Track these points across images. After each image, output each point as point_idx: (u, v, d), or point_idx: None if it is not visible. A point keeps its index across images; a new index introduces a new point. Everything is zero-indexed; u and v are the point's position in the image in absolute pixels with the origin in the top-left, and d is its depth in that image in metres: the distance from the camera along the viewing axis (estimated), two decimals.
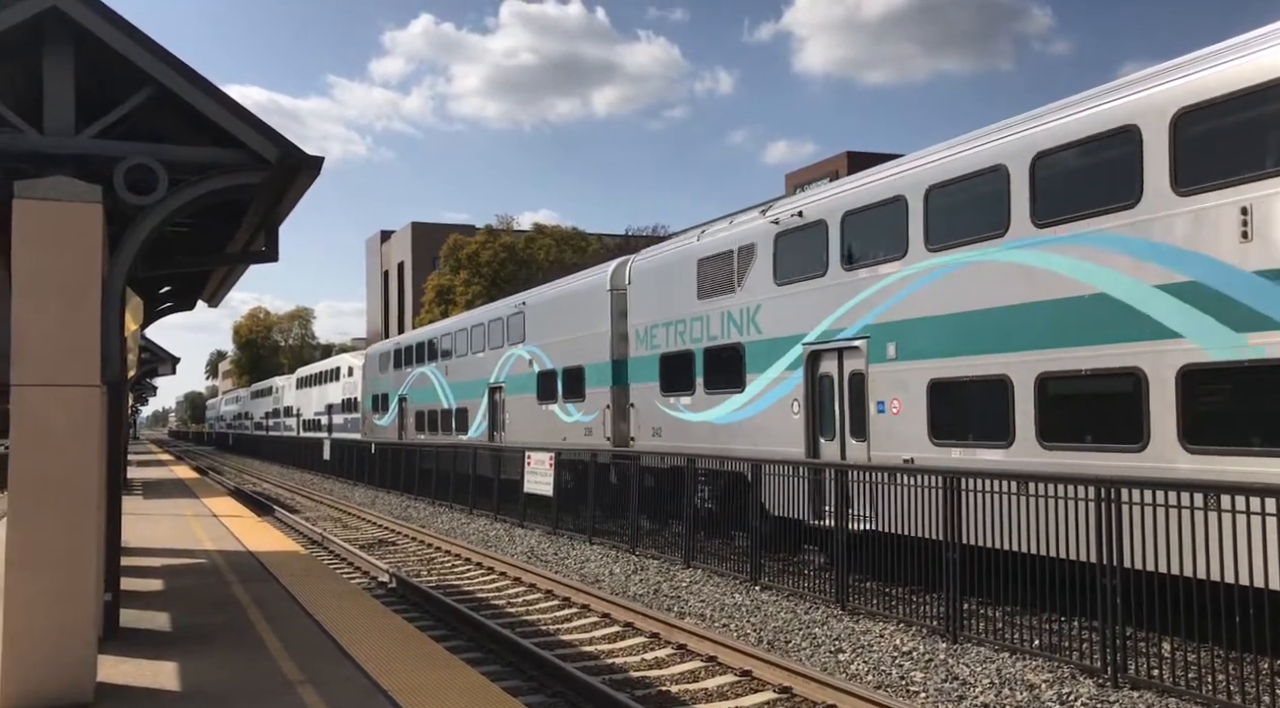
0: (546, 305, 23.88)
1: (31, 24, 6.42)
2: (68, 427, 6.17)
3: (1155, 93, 9.71)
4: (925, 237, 12.21)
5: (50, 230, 6.17)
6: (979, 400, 11.58)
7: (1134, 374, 9.61)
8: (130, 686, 6.80)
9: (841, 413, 13.75)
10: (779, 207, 15.53)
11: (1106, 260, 10.00)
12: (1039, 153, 10.79)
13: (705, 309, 16.85)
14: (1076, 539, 8.82)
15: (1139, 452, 9.50)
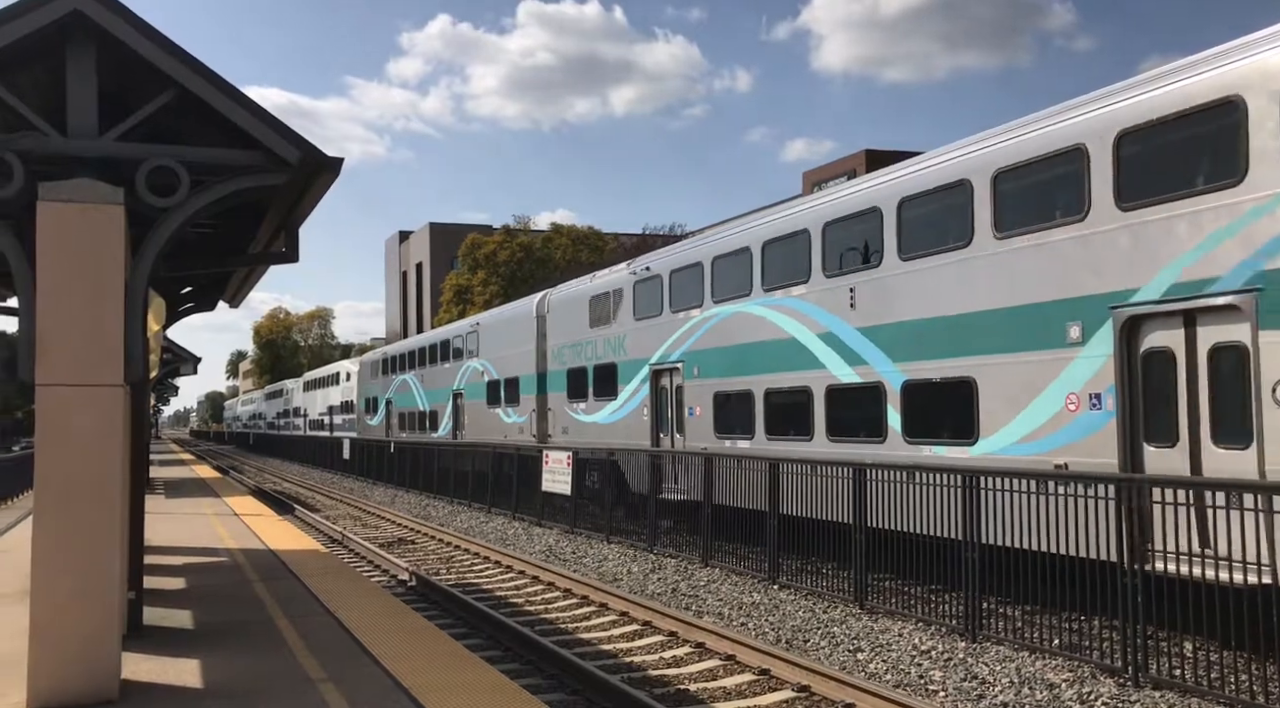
0: (494, 326, 29.03)
1: (55, 27, 6.48)
2: (92, 426, 6.23)
3: (816, 210, 14.87)
4: (712, 292, 17.26)
5: (73, 232, 6.23)
6: (738, 407, 16.37)
7: (806, 391, 14.59)
8: (154, 683, 6.87)
9: (670, 415, 18.70)
10: (636, 262, 20.83)
11: (795, 316, 15.02)
12: (766, 241, 15.90)
13: (594, 335, 21.79)
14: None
15: (809, 441, 14.39)
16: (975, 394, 11.65)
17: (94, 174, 6.46)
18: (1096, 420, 10.18)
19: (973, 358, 11.76)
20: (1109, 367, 10.07)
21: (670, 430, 18.56)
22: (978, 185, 11.62)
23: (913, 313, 12.74)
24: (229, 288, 11.57)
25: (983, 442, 11.46)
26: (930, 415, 12.47)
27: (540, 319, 24.89)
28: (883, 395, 13.09)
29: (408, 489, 30.36)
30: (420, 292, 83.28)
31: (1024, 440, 10.97)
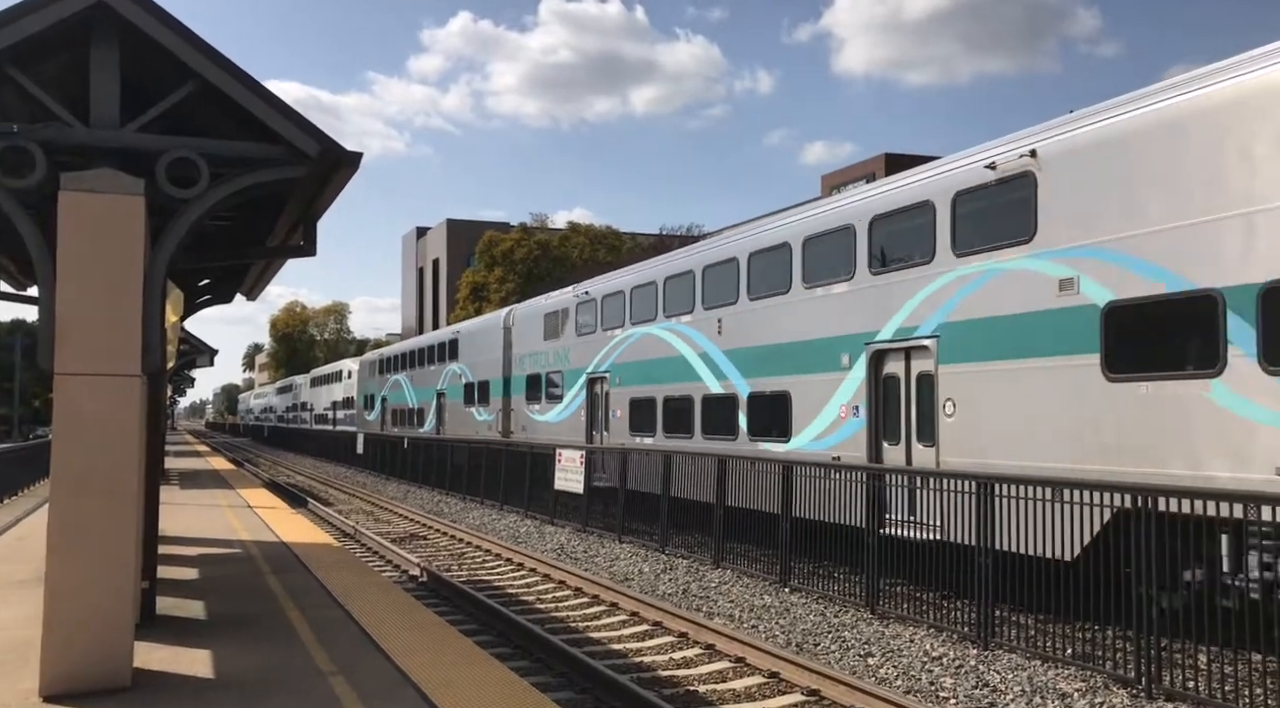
0: (472, 334, 32.79)
1: (79, 19, 6.53)
2: (109, 416, 6.27)
3: (701, 255, 18.86)
4: (630, 316, 21.05)
5: (95, 222, 6.27)
6: (646, 411, 20.05)
7: (690, 398, 18.42)
8: (166, 672, 6.90)
9: (600, 416, 22.27)
10: (579, 286, 24.42)
11: (684, 339, 18.75)
12: (667, 277, 19.76)
13: (547, 347, 25.60)
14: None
15: (690, 438, 18.17)
16: (790, 404, 15.47)
17: (115, 165, 6.50)
18: (856, 425, 13.99)
19: (789, 377, 15.62)
20: (863, 386, 13.83)
21: (601, 429, 22.46)
22: (795, 248, 15.53)
23: (756, 340, 16.56)
24: (246, 280, 11.61)
25: (794, 440, 15.32)
26: (764, 419, 16.27)
27: (507, 330, 28.65)
28: (737, 403, 16.99)
29: (420, 485, 30.44)
30: (437, 288, 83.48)
31: (816, 439, 14.83)
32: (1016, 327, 11.50)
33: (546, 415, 25.32)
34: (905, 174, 14.05)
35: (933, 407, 12.58)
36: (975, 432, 11.96)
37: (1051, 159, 11.25)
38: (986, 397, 11.85)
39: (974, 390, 12.02)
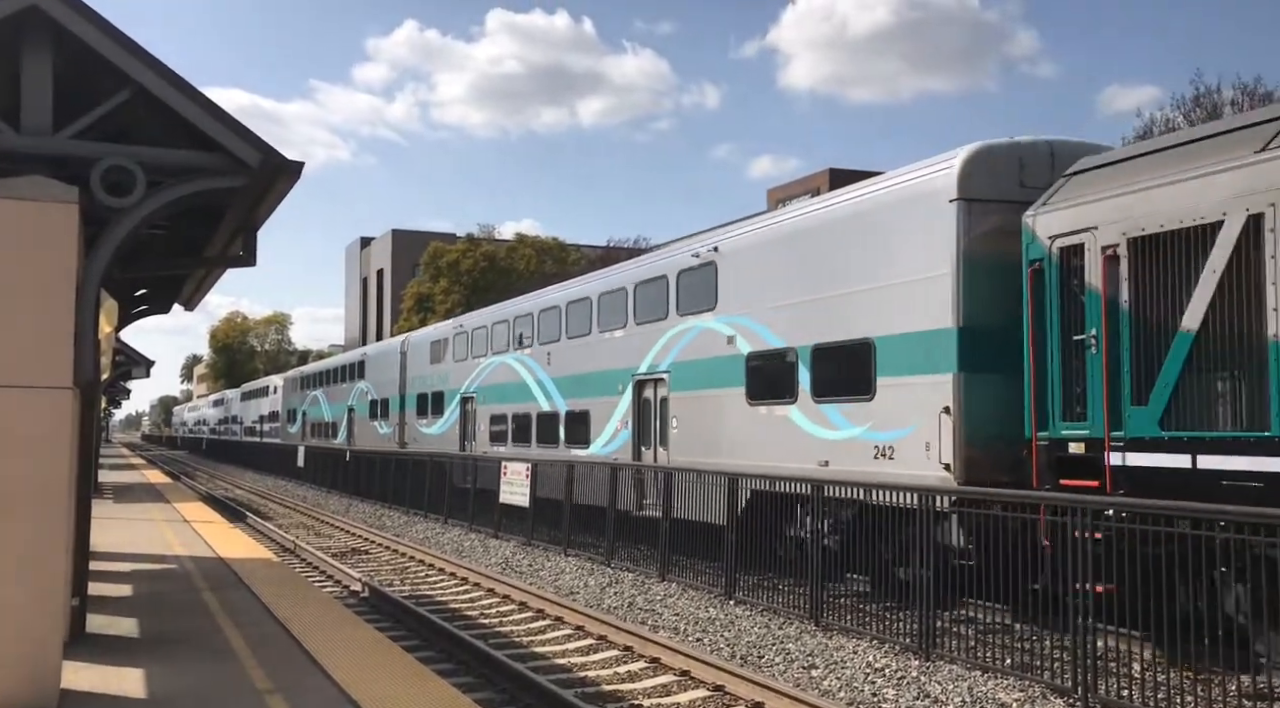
0: (376, 357, 37.66)
1: (11, 23, 6.38)
2: (38, 429, 6.09)
3: (539, 300, 23.61)
4: (490, 347, 25.47)
5: (25, 230, 6.10)
6: (500, 424, 24.49)
7: (529, 414, 22.71)
8: (95, 692, 6.71)
9: (469, 429, 26.63)
10: (457, 320, 29.97)
11: (525, 367, 23.08)
12: (515, 316, 24.26)
13: (433, 370, 29.88)
14: None
15: (529, 447, 22.23)
16: (590, 419, 20.03)
17: (48, 172, 6.35)
18: (626, 435, 18.62)
19: (589, 399, 20.13)
20: (631, 407, 18.48)
21: (470, 440, 26.51)
22: (594, 301, 20.32)
23: (571, 370, 21.03)
24: (184, 291, 11.41)
25: (592, 447, 19.82)
26: (574, 431, 20.69)
27: (404, 355, 33.07)
28: (559, 418, 21.36)
29: (363, 498, 30.04)
30: (381, 299, 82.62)
31: (604, 446, 19.42)
32: (708, 367, 16.25)
33: (431, 429, 29.74)
34: (653, 254, 20.88)
35: (665, 422, 17.42)
36: (689, 439, 16.71)
37: (726, 253, 16.02)
38: (694, 414, 16.65)
39: (688, 410, 16.83)
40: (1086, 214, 10.24)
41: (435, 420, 29.23)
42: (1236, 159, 8.94)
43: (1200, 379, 9.17)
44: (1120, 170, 10.37)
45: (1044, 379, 10.60)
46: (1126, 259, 9.78)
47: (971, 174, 11.67)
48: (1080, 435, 10.24)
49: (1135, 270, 9.72)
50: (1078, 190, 10.59)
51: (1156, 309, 9.54)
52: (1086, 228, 10.21)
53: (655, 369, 17.73)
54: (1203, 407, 9.15)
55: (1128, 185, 9.93)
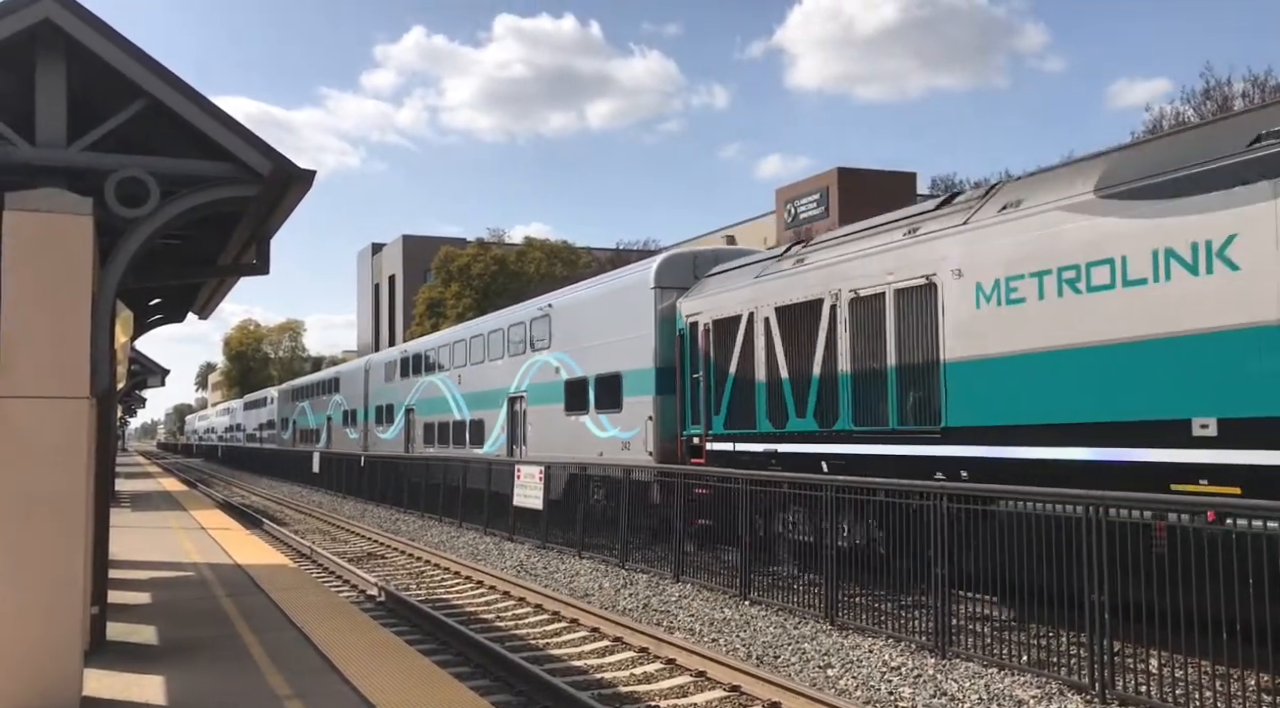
0: (347, 375, 44.57)
1: (24, 36, 6.43)
2: (56, 439, 6.15)
3: (465, 329, 30.24)
4: (426, 368, 31.59)
5: (41, 242, 6.16)
6: (430, 430, 30.79)
7: (450, 422, 29.04)
8: (116, 699, 6.77)
9: (412, 435, 32.75)
10: (405, 345, 37.86)
11: (446, 386, 29.49)
12: (441, 345, 30.64)
13: (387, 387, 36.30)
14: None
15: (448, 447, 28.59)
16: (484, 426, 26.32)
17: (62, 184, 6.41)
18: (504, 438, 24.81)
19: (484, 411, 26.42)
20: (506, 417, 24.78)
21: (412, 442, 32.79)
22: (485, 335, 26.86)
23: (473, 389, 27.36)
24: (198, 299, 11.47)
25: (485, 447, 26.00)
26: (475, 435, 26.95)
27: (367, 373, 39.79)
28: (466, 426, 27.71)
29: (378, 503, 30.13)
30: (393, 304, 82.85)
31: (492, 446, 25.59)
32: (546, 388, 22.49)
33: (385, 435, 36.06)
34: (519, 307, 26.23)
35: (525, 428, 23.65)
36: (536, 440, 22.97)
37: (556, 308, 22.66)
38: (539, 422, 22.89)
39: (536, 419, 23.04)
40: (699, 304, 16.98)
41: (388, 427, 35.93)
42: (748, 285, 15.83)
43: (736, 401, 15.78)
44: (715, 279, 17.20)
45: (684, 400, 17.28)
46: (712, 333, 16.45)
47: (662, 272, 18.38)
48: (696, 432, 16.88)
49: (715, 339, 16.38)
50: (699, 289, 17.38)
51: (721, 362, 16.17)
52: (699, 312, 16.88)
53: (519, 389, 24.18)
54: (739, 416, 15.70)
55: (715, 290, 16.77)
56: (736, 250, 20.41)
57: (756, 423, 15.12)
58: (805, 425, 14.14)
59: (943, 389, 11.74)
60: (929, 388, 11.99)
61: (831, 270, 13.86)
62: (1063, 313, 10.31)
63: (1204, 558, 7.63)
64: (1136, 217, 9.68)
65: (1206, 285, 9.01)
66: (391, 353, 38.68)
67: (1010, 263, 10.94)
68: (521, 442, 23.87)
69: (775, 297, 14.94)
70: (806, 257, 14.84)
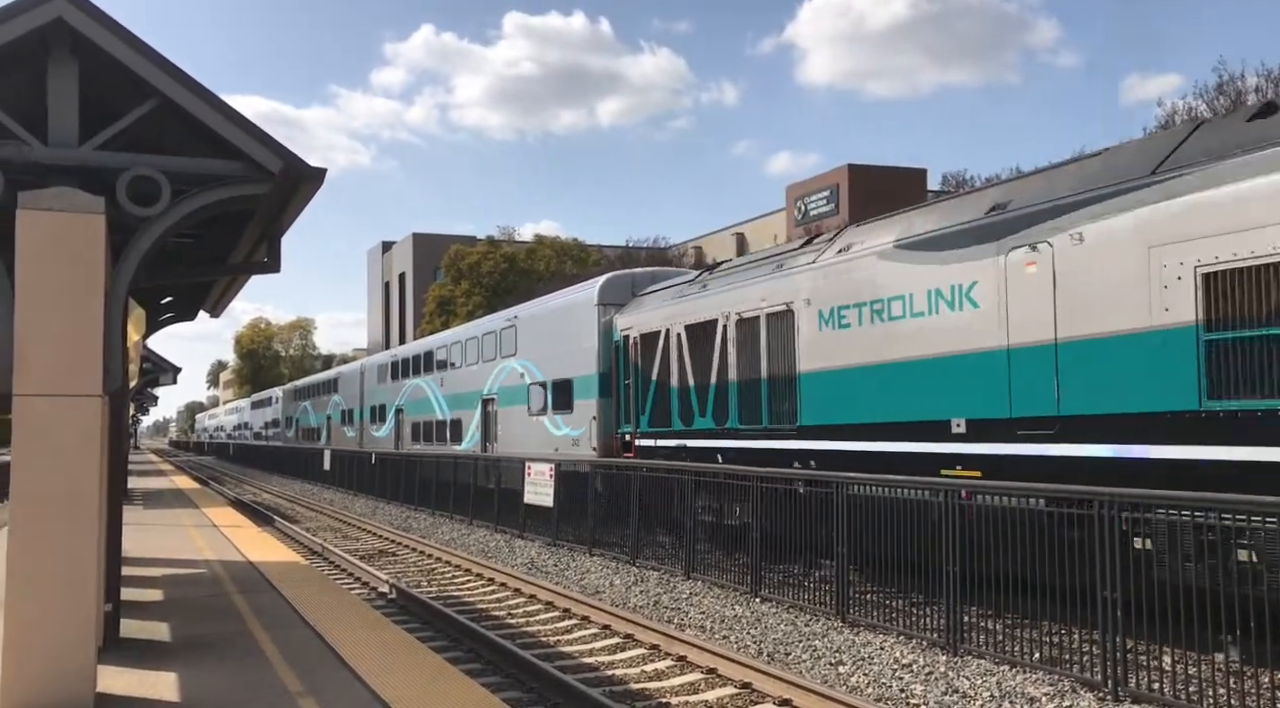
0: (344, 377, 47.79)
1: (36, 35, 6.45)
2: (69, 437, 6.18)
3: (450, 336, 33.28)
4: (414, 371, 34.11)
5: (54, 241, 6.19)
6: (415, 428, 33.69)
7: (433, 421, 31.95)
8: (130, 696, 6.80)
9: (401, 433, 35.63)
10: (395, 350, 41.65)
11: (429, 387, 32.57)
12: (424, 351, 34.25)
13: (380, 388, 39.38)
14: None
15: (433, 444, 31.48)
16: (462, 425, 28.94)
17: (75, 183, 6.43)
18: (478, 437, 27.36)
19: (461, 411, 29.22)
20: (480, 416, 27.31)
21: (401, 439, 35.64)
22: (463, 344, 29.58)
23: (452, 391, 30.31)
24: (210, 297, 11.50)
25: (462, 444, 28.53)
26: (455, 433, 29.46)
27: (362, 375, 42.96)
28: (446, 425, 30.47)
29: (389, 501, 30.22)
30: (403, 302, 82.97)
31: (468, 443, 28.10)
32: (512, 391, 25.17)
33: (379, 432, 39.33)
34: (490, 318, 29.55)
35: (495, 427, 26.51)
36: (505, 438, 25.74)
37: (521, 319, 25.54)
38: (507, 422, 25.71)
39: (505, 419, 25.82)
40: (630, 320, 19.63)
41: (381, 426, 39.15)
42: (666, 305, 18.61)
43: (657, 403, 18.39)
44: (645, 298, 19.95)
45: (619, 403, 19.88)
46: (640, 345, 18.92)
47: (605, 290, 21.19)
48: (629, 430, 19.41)
49: (642, 351, 18.82)
50: (632, 307, 20.14)
51: (646, 370, 18.68)
52: (631, 327, 19.50)
53: (491, 392, 26.92)
54: (659, 416, 18.31)
55: (643, 308, 19.48)
56: (669, 272, 23.22)
57: (671, 422, 17.87)
58: (706, 424, 16.86)
59: (798, 395, 14.49)
60: (789, 394, 14.68)
61: (724, 296, 16.64)
62: (873, 337, 13.07)
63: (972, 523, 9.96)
64: (919, 264, 12.42)
65: (960, 319, 11.73)
66: (383, 357, 41.93)
67: (841, 295, 13.70)
68: (493, 439, 26.59)
69: (685, 316, 17.64)
70: (709, 283, 17.65)
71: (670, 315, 18.10)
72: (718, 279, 17.52)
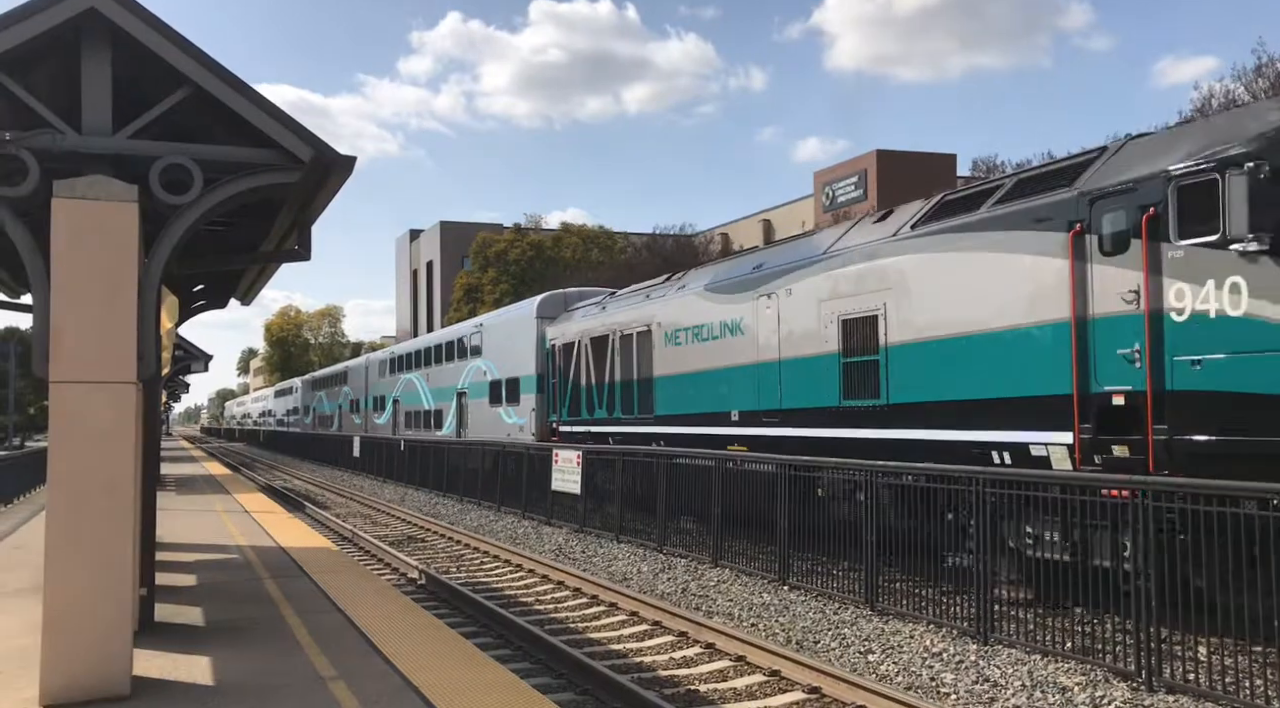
0: (353, 369, 53.01)
1: (70, 25, 6.50)
2: (105, 423, 6.25)
3: (435, 337, 40.13)
4: (407, 367, 39.49)
5: (88, 229, 6.25)
6: (411, 417, 38.86)
7: (427, 410, 36.74)
8: (165, 679, 6.89)
9: (398, 421, 40.90)
10: (393, 347, 46.97)
11: (420, 382, 37.63)
12: (417, 351, 39.24)
13: (382, 381, 44.18)
14: None
15: (427, 431, 35.81)
16: (443, 414, 33.71)
17: (108, 172, 6.48)
18: (455, 423, 32.40)
19: (442, 402, 34.02)
20: (455, 407, 32.45)
21: (398, 426, 40.35)
22: (443, 345, 34.97)
23: (436, 384, 34.97)
24: (241, 285, 11.59)
25: (442, 431, 33.29)
26: (438, 420, 34.22)
27: (367, 369, 48.25)
28: (432, 414, 35.23)
29: (417, 487, 30.42)
30: (431, 290, 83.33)
31: (447, 430, 32.80)
32: (479, 386, 30.15)
33: (379, 420, 44.45)
34: (463, 324, 35.91)
35: (466, 416, 31.32)
36: (473, 426, 30.45)
37: (485, 327, 30.79)
38: (474, 412, 30.46)
39: (473, 410, 30.70)
40: (556, 331, 24.53)
41: (382, 414, 44.25)
42: (577, 321, 23.56)
43: (573, 398, 22.98)
44: (569, 314, 24.64)
45: (550, 397, 24.59)
46: (561, 352, 23.85)
47: (542, 306, 26.29)
48: (555, 419, 24.14)
49: (563, 357, 23.73)
50: (559, 320, 24.85)
51: (565, 372, 23.51)
52: (556, 337, 24.37)
53: (464, 387, 31.75)
54: (574, 408, 23.01)
55: (565, 322, 24.30)
56: (593, 291, 27.02)
57: (581, 413, 22.75)
58: (602, 414, 21.74)
59: (655, 393, 19.60)
60: (650, 392, 19.77)
61: (613, 317, 21.65)
62: (695, 352, 18.15)
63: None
64: (716, 302, 17.57)
65: (734, 342, 16.78)
66: (383, 354, 47.25)
67: (678, 321, 18.85)
68: (465, 426, 31.80)
69: (590, 331, 22.55)
70: (607, 305, 22.69)
71: (581, 329, 23.04)
72: (612, 303, 22.62)
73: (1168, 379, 9.34)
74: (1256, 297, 8.65)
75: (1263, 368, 8.59)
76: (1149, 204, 9.55)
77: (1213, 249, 8.96)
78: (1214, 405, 8.97)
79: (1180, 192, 9.29)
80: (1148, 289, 9.51)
